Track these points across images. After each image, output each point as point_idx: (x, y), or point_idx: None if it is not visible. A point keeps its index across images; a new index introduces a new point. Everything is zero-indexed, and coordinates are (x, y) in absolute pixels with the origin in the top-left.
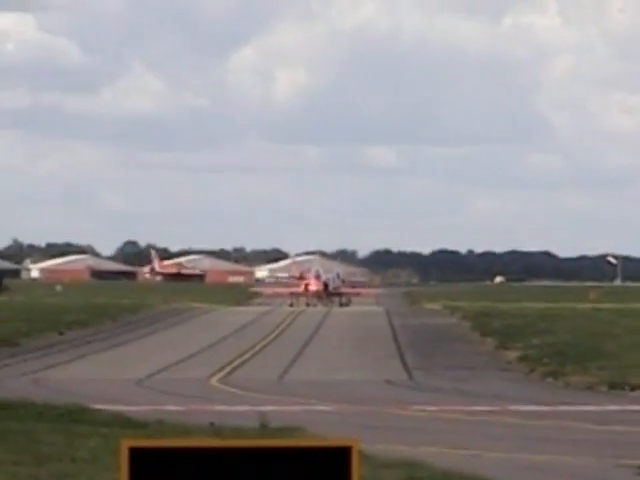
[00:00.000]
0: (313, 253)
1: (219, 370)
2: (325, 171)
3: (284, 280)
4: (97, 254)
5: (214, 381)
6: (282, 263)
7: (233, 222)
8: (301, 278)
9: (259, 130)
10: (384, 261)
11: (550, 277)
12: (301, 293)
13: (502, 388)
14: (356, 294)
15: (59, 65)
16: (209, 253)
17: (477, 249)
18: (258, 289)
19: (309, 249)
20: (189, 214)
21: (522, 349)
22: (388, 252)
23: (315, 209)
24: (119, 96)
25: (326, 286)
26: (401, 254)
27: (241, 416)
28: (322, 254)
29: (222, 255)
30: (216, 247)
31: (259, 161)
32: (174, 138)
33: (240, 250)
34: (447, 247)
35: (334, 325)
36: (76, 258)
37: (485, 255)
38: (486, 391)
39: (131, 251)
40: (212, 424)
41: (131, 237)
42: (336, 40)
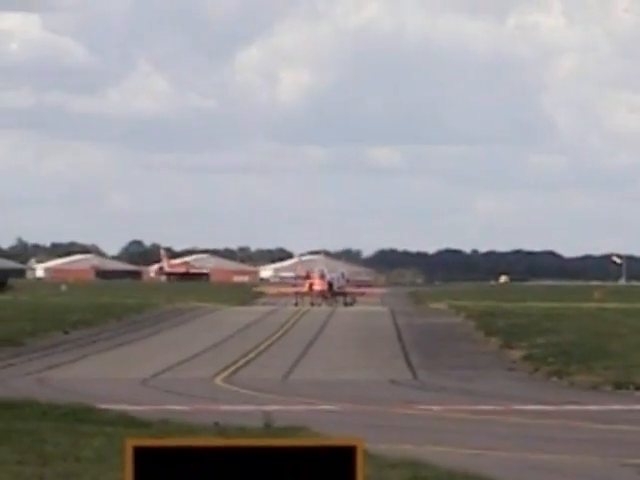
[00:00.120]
0: (318, 253)
1: (224, 369)
2: (330, 171)
3: (290, 280)
4: (102, 254)
5: (219, 381)
6: (287, 263)
7: (238, 222)
8: (307, 278)
9: (264, 130)
10: (389, 261)
11: (554, 277)
12: (306, 293)
13: (507, 387)
14: (361, 294)
15: (64, 65)
16: (214, 252)
17: (482, 249)
18: (262, 288)
19: (314, 249)
20: (194, 214)
21: (527, 348)
22: (393, 252)
23: (320, 209)
24: (124, 96)
25: (331, 286)
26: (406, 254)
27: (245, 416)
28: (327, 254)
29: (227, 255)
30: (221, 247)
31: (264, 161)
32: (179, 138)
33: (245, 250)
34: (452, 247)
35: (339, 325)
36: (81, 258)
37: (490, 255)
38: (491, 390)
39: (136, 251)
40: (216, 424)
41: (136, 237)
42: (340, 40)
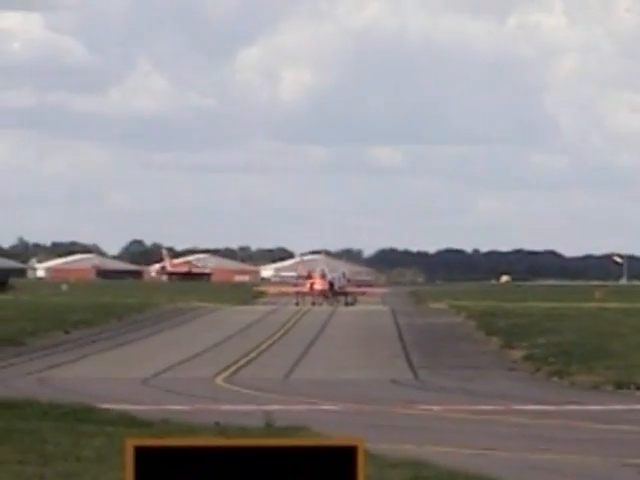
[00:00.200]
0: (318, 252)
1: (224, 369)
2: (331, 170)
3: (292, 280)
4: (103, 253)
5: (219, 380)
6: (287, 262)
7: (238, 221)
8: (309, 277)
9: (265, 130)
10: (389, 260)
11: (556, 276)
12: (307, 292)
13: (507, 387)
14: (362, 293)
15: (65, 64)
16: (214, 252)
17: (483, 248)
18: (263, 288)
19: (314, 248)
20: (195, 213)
21: (527, 348)
22: (393, 251)
23: (320, 208)
24: (125, 96)
25: (332, 285)
26: (407, 253)
27: (246, 415)
28: (327, 253)
29: (228, 254)
30: (221, 246)
31: (265, 161)
32: (180, 137)
33: (245, 249)
34: (453, 246)
35: (340, 324)
36: (82, 257)
37: (491, 254)
38: (491, 390)
39: (137, 250)
40: (217, 423)
41: (137, 236)
42: (342, 40)
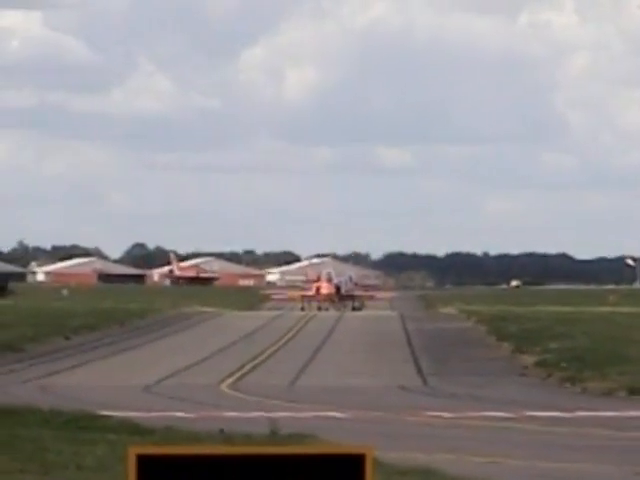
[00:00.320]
0: (325, 256)
1: (229, 376)
2: (337, 171)
3: (300, 284)
4: (105, 257)
5: (224, 387)
6: (293, 266)
7: (243, 224)
8: (318, 281)
9: (269, 130)
10: (398, 264)
11: (567, 280)
12: (312, 297)
13: (519, 394)
14: (369, 298)
15: (65, 63)
16: (219, 256)
17: (493, 251)
18: (268, 292)
19: (321, 252)
20: (198, 216)
21: (539, 354)
22: (402, 254)
23: (327, 210)
24: (127, 96)
25: (338, 289)
26: (415, 256)
27: (251, 423)
28: (334, 257)
29: (232, 258)
30: (226, 249)
31: (269, 161)
32: (183, 138)
33: (251, 253)
34: (462, 249)
35: (347, 330)
36: (83, 261)
37: (501, 257)
38: (502, 397)
39: (139, 254)
40: (222, 431)
41: (139, 239)
42: (347, 38)
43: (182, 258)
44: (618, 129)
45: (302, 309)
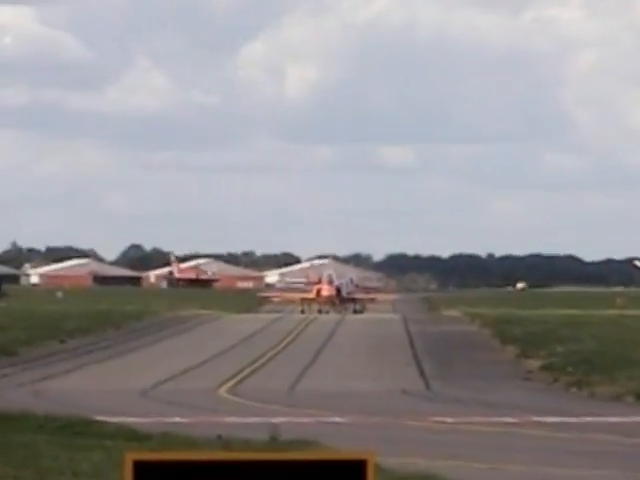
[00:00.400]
0: (326, 257)
1: (227, 380)
2: (338, 170)
3: (301, 286)
4: (100, 258)
5: (222, 391)
6: (293, 268)
7: (242, 225)
8: (319, 283)
9: (269, 128)
10: (400, 265)
11: (575, 282)
12: (313, 299)
13: (523, 398)
14: (371, 300)
15: (60, 61)
16: (217, 257)
17: (497, 252)
18: (267, 295)
19: (321, 253)
20: (196, 216)
21: (545, 357)
22: (404, 256)
23: (327, 211)
24: (124, 93)
25: (339, 292)
26: (418, 258)
27: (250, 428)
28: (335, 258)
29: (230, 259)
30: (224, 251)
31: (269, 161)
32: (181, 137)
33: (249, 254)
34: (466, 250)
35: (348, 333)
36: (78, 263)
37: (506, 259)
38: (507, 402)
39: (135, 255)
40: (220, 437)
41: (135, 241)
42: (349, 35)
43: (179, 260)
44: (626, 127)
45: (302, 312)
